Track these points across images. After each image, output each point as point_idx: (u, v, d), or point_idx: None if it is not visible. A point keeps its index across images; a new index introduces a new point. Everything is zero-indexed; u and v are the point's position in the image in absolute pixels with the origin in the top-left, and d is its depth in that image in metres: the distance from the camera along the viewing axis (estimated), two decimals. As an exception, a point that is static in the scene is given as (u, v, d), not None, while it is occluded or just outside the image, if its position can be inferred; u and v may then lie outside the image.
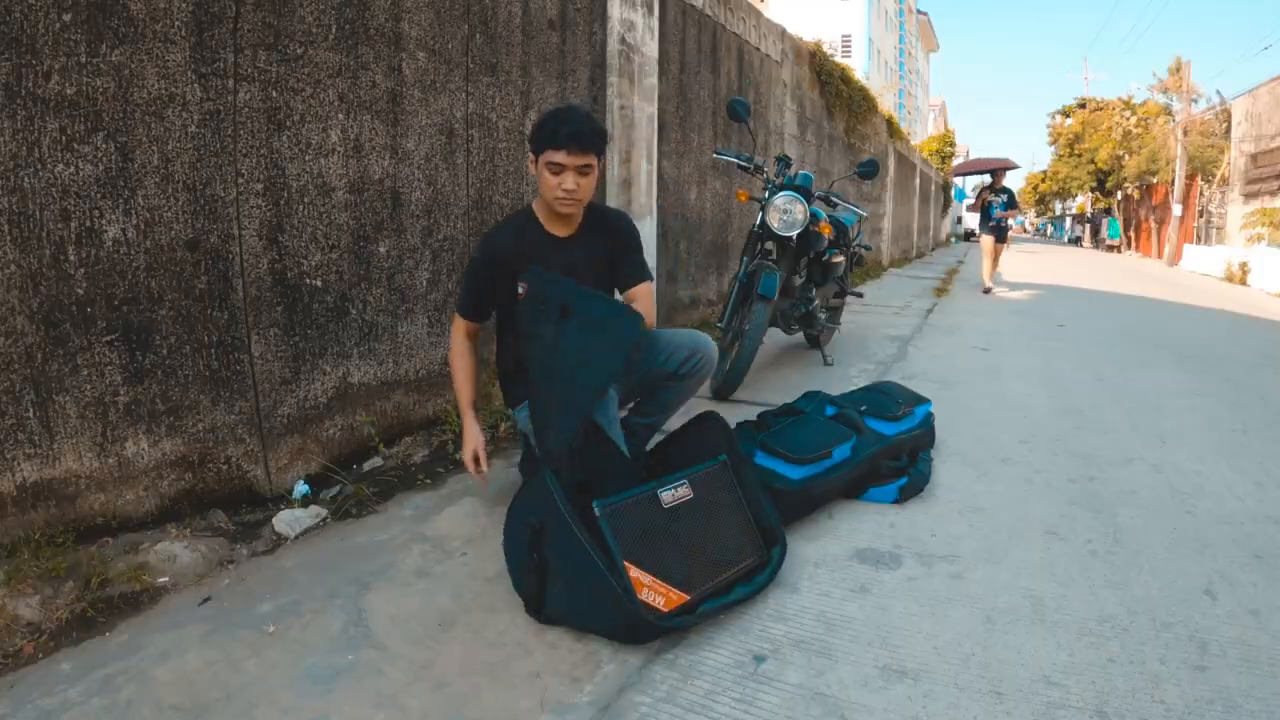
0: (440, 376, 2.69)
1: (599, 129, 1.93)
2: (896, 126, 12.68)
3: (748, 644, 1.48)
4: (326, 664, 1.39)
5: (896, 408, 2.43)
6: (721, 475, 1.74)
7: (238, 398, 1.99)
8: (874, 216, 10.75)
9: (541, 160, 1.90)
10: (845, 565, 1.80)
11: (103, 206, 1.69)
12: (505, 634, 1.49)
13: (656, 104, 4.06)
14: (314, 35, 2.10)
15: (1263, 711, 1.27)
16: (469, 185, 2.76)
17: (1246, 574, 1.76)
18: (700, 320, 4.83)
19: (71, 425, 1.69)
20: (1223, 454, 2.67)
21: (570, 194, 1.90)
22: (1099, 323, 6.22)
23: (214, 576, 1.72)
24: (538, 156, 1.92)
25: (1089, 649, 1.45)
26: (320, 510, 2.03)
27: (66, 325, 1.66)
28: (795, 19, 15.26)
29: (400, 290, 2.48)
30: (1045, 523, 2.05)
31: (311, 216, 2.15)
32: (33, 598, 1.51)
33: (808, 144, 7.24)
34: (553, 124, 1.89)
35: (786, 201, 3.35)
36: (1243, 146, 14.76)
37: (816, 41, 7.59)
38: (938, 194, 21.00)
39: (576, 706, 1.28)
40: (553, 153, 1.87)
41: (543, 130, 1.90)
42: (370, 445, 2.40)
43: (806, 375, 3.82)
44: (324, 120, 2.16)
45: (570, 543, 1.42)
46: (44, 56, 1.57)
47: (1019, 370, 4.08)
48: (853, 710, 1.28)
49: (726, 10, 5.06)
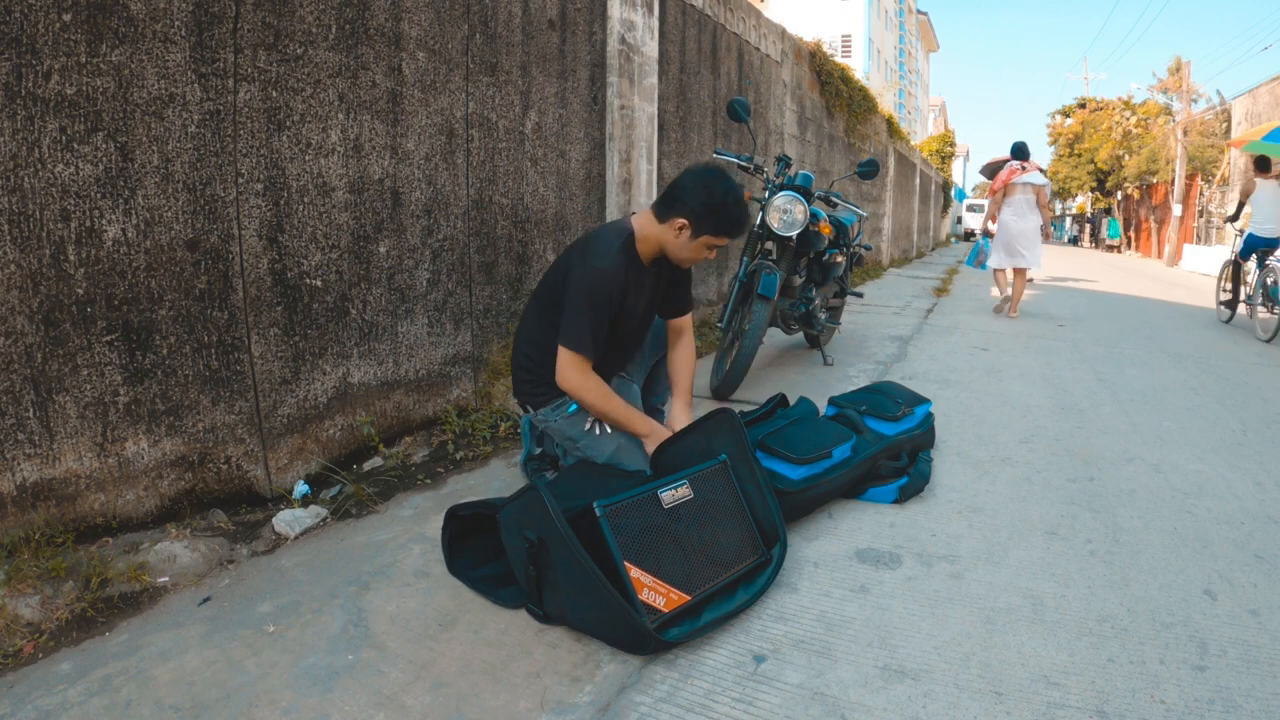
0: (440, 376, 2.69)
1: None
2: (896, 126, 12.67)
3: (748, 644, 1.48)
4: (326, 664, 1.39)
5: (896, 408, 2.43)
6: (722, 475, 1.74)
7: (238, 398, 1.99)
8: (874, 216, 10.75)
9: (706, 239, 1.98)
10: (845, 565, 1.80)
11: (103, 206, 1.69)
12: (505, 634, 1.49)
13: (656, 104, 4.06)
14: (314, 35, 2.10)
15: (1263, 711, 1.27)
16: (469, 185, 2.76)
17: (1246, 574, 1.76)
18: (700, 320, 4.83)
19: (71, 425, 1.69)
20: (1223, 454, 2.67)
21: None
22: (1099, 323, 6.22)
23: (214, 576, 1.72)
24: (702, 233, 1.97)
25: (1089, 649, 1.45)
26: (320, 510, 2.03)
27: (66, 325, 1.66)
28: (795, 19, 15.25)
29: (400, 290, 2.48)
30: (1045, 522, 2.05)
31: (311, 216, 2.15)
32: (33, 598, 1.51)
33: (808, 144, 7.24)
34: (736, 216, 1.98)
35: (786, 201, 3.35)
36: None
37: (816, 41, 7.59)
38: (938, 194, 21.01)
39: (576, 706, 1.28)
40: (725, 239, 2.01)
41: (725, 218, 1.96)
42: (370, 445, 2.40)
43: (806, 375, 3.82)
44: (324, 120, 2.16)
45: (572, 561, 1.41)
46: (44, 56, 1.57)
47: (1019, 370, 4.08)
48: (853, 710, 1.28)
49: (726, 10, 5.06)
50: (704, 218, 1.94)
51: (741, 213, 1.99)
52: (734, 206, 1.96)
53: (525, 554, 1.50)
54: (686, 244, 1.98)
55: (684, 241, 1.98)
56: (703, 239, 1.98)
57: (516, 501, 1.54)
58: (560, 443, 2.13)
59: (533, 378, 2.08)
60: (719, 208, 1.94)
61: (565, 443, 2.10)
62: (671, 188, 1.99)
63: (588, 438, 2.04)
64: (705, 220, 1.94)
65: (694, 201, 1.93)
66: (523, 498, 1.52)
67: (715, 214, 1.94)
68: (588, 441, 2.04)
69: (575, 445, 2.07)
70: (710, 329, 4.55)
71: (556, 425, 2.07)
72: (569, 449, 2.12)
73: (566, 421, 2.05)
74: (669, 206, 1.97)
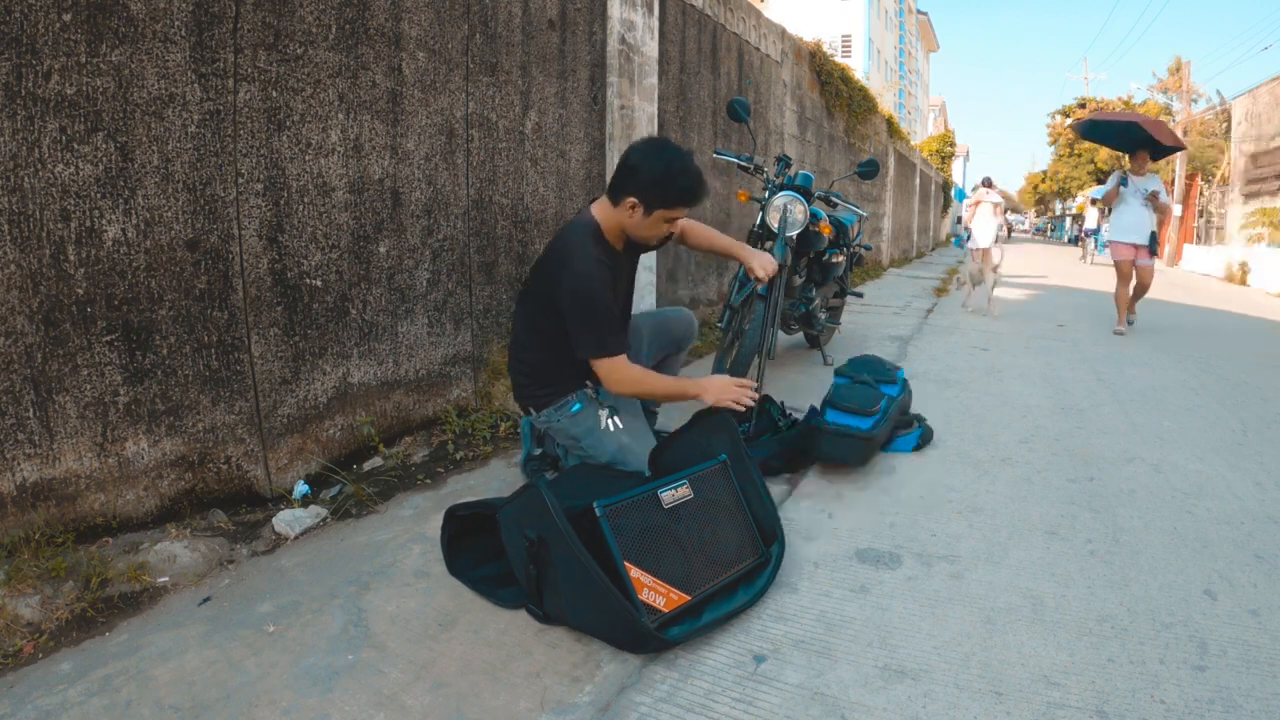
0: (440, 376, 2.69)
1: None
2: (896, 126, 12.67)
3: (748, 644, 1.48)
4: (326, 664, 1.39)
5: (889, 373, 2.73)
6: (721, 475, 1.74)
7: (238, 398, 1.99)
8: (874, 216, 10.75)
9: (660, 213, 1.93)
10: (845, 565, 1.80)
11: (103, 206, 1.69)
12: (505, 634, 1.49)
13: (656, 104, 4.06)
14: (314, 35, 2.10)
15: (1263, 711, 1.27)
16: (469, 185, 2.76)
17: (1246, 574, 1.76)
18: (700, 320, 4.83)
19: (71, 425, 1.69)
20: (1223, 454, 2.67)
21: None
22: (1099, 323, 6.22)
23: (214, 576, 1.72)
24: (654, 208, 1.92)
25: (1089, 649, 1.45)
26: (320, 510, 2.03)
27: (66, 325, 1.66)
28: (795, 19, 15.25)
29: (400, 290, 2.48)
30: (1045, 522, 2.05)
31: (311, 216, 2.15)
32: (33, 598, 1.51)
33: (808, 144, 7.24)
34: (685, 184, 1.92)
35: (786, 201, 3.35)
36: (1243, 146, 14.75)
37: (816, 41, 7.59)
38: (938, 194, 21.00)
39: (576, 706, 1.28)
40: (682, 210, 1.96)
41: (672, 188, 1.91)
42: (370, 445, 2.40)
43: (806, 375, 3.82)
44: (324, 120, 2.16)
45: (572, 559, 1.41)
46: (44, 56, 1.57)
47: (1019, 370, 4.08)
48: (853, 710, 1.28)
49: (726, 10, 5.06)
50: (651, 193, 1.90)
51: (690, 179, 1.92)
52: (680, 176, 1.90)
53: (525, 553, 1.49)
54: (642, 222, 1.95)
55: (639, 220, 1.94)
56: (656, 214, 1.93)
57: (516, 500, 1.54)
58: (563, 443, 2.13)
59: (531, 380, 2.08)
60: (663, 180, 1.89)
61: (568, 442, 2.10)
62: (618, 168, 1.96)
63: (591, 437, 2.04)
64: (653, 196, 1.91)
65: (639, 179, 1.90)
66: (523, 496, 1.52)
67: (661, 187, 1.90)
68: (591, 441, 2.04)
69: (578, 445, 2.07)
70: (710, 329, 4.55)
71: (560, 425, 2.07)
72: (571, 449, 2.12)
73: (570, 420, 2.05)
74: (618, 188, 1.94)
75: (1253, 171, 14.10)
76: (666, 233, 2.02)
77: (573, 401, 2.04)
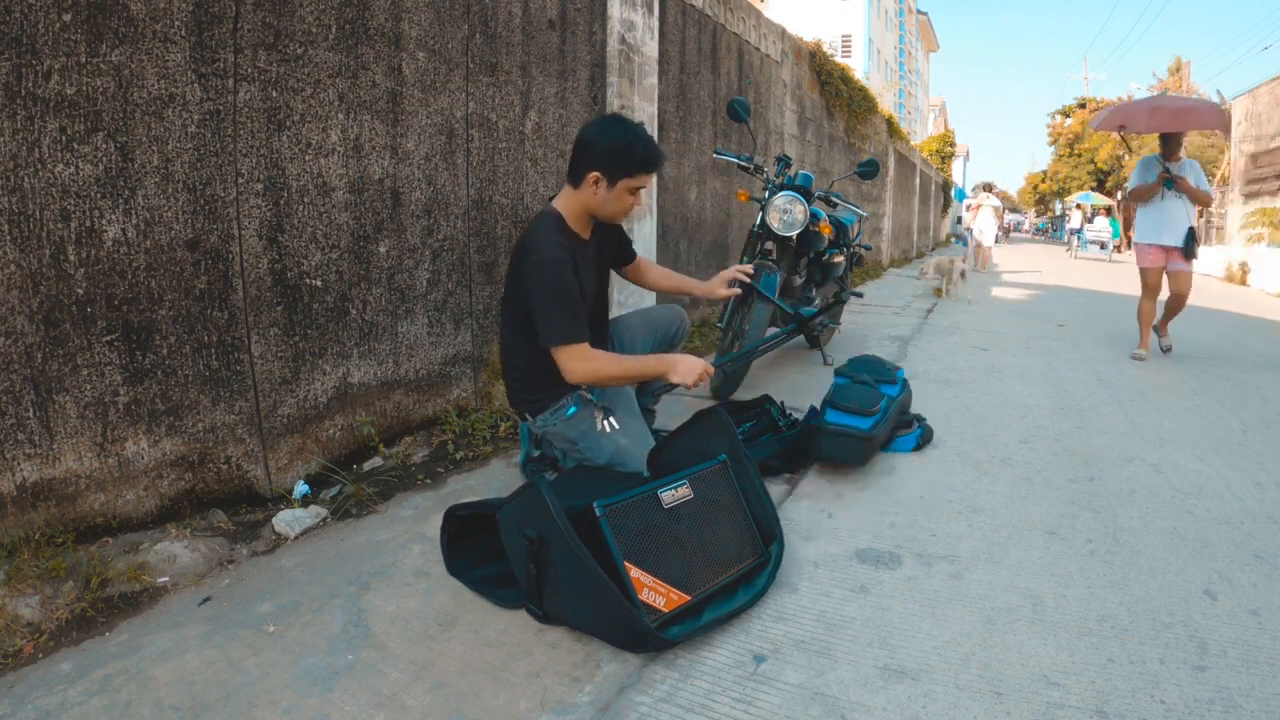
0: (440, 376, 2.69)
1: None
2: (896, 126, 12.68)
3: (748, 644, 1.48)
4: (326, 664, 1.39)
5: (889, 373, 2.71)
6: (721, 475, 1.74)
7: (237, 398, 1.99)
8: (874, 216, 10.75)
9: (624, 183, 1.93)
10: (845, 565, 1.80)
11: (103, 206, 1.69)
12: (505, 634, 1.49)
13: (656, 104, 4.06)
14: (314, 35, 2.10)
15: (1263, 711, 1.27)
16: (469, 185, 2.76)
17: (1246, 574, 1.76)
18: (700, 320, 4.83)
19: (71, 425, 1.69)
20: (1223, 454, 2.67)
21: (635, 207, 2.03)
22: (1099, 322, 6.22)
23: (214, 576, 1.72)
24: (618, 179, 1.92)
25: (1089, 649, 1.45)
26: (320, 510, 2.03)
27: (66, 325, 1.66)
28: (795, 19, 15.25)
29: (400, 290, 2.48)
30: (1045, 522, 2.05)
31: (311, 216, 2.15)
32: (33, 598, 1.51)
33: (808, 144, 7.24)
34: (644, 150, 1.92)
35: (786, 201, 3.35)
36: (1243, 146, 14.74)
37: (816, 41, 7.59)
38: (938, 194, 21.00)
39: (576, 706, 1.28)
40: (644, 177, 1.96)
41: (632, 155, 1.91)
42: (370, 445, 2.40)
43: (806, 375, 3.82)
44: (324, 120, 2.16)
45: (572, 558, 1.41)
46: (44, 56, 1.57)
47: (1019, 370, 4.08)
48: (853, 710, 1.28)
49: (726, 10, 5.06)
50: (612, 162, 1.91)
51: (647, 145, 1.94)
52: (639, 143, 1.92)
53: (525, 552, 1.49)
54: (607, 196, 1.95)
55: (604, 195, 1.95)
56: (620, 184, 1.94)
57: (516, 500, 1.54)
58: (560, 446, 2.13)
59: (524, 386, 2.09)
60: (622, 148, 1.91)
61: (565, 445, 2.10)
62: (575, 148, 1.98)
63: (588, 439, 2.04)
64: (615, 164, 1.91)
65: (597, 152, 1.91)
66: (523, 496, 1.52)
67: (621, 155, 1.91)
68: (588, 443, 2.04)
69: (575, 447, 2.07)
70: (710, 329, 4.55)
71: (556, 429, 2.07)
72: (569, 451, 2.12)
73: (566, 424, 2.05)
74: (577, 168, 1.96)
75: (1253, 171, 14.09)
76: (632, 205, 2.00)
77: (567, 405, 2.04)
